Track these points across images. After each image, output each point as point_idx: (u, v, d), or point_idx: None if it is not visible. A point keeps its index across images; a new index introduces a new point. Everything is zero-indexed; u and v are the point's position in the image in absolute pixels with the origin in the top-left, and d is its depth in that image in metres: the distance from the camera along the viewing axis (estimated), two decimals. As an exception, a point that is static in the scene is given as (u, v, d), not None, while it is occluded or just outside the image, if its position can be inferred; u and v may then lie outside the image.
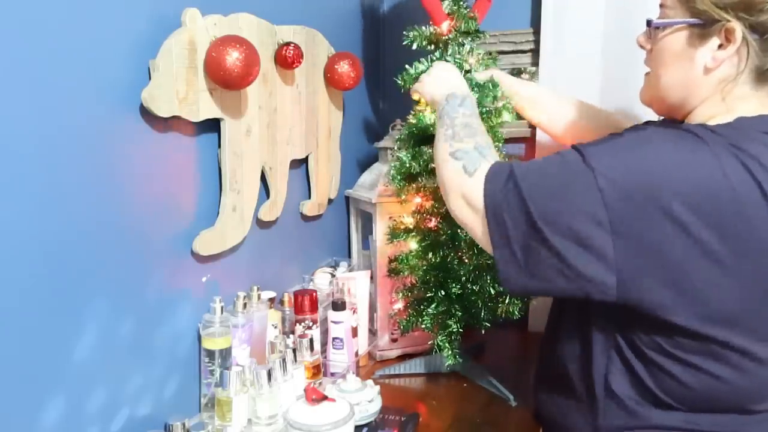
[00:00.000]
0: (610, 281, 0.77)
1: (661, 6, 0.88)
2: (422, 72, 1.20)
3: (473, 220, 0.87)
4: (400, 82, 1.25)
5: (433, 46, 1.27)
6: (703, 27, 0.81)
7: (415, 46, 1.27)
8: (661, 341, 0.80)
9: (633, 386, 0.84)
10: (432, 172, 1.27)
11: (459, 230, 1.28)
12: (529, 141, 1.54)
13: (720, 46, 0.81)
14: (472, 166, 0.88)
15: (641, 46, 0.93)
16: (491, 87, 1.19)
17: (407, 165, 1.25)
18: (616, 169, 0.76)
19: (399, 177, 1.27)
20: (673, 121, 0.91)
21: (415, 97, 1.22)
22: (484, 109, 1.20)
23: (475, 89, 1.18)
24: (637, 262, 0.75)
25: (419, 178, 1.28)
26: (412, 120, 1.26)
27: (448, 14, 1.25)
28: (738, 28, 0.78)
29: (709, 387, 0.80)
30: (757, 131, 0.78)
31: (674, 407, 0.82)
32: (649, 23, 0.88)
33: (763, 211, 0.73)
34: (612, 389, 0.85)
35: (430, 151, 1.26)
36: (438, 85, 1.11)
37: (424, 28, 1.27)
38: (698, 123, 0.83)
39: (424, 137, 1.26)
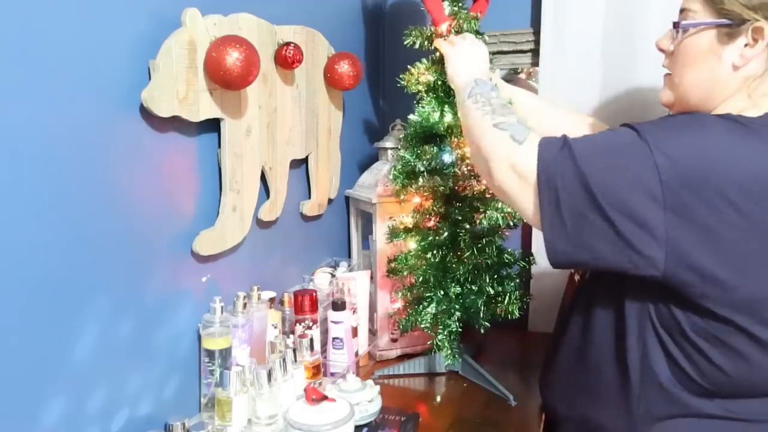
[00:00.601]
0: (659, 256, 0.77)
1: (684, 10, 0.88)
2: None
3: (520, 189, 0.86)
4: (403, 82, 1.25)
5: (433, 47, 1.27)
6: (731, 27, 0.83)
7: (417, 46, 1.27)
8: (700, 322, 0.80)
9: (671, 372, 0.84)
10: (433, 172, 1.27)
11: (458, 230, 1.28)
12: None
13: (747, 45, 0.82)
14: (521, 136, 0.87)
15: (661, 50, 0.93)
16: None
17: (410, 164, 1.25)
18: (674, 146, 0.77)
19: (401, 176, 1.27)
20: None
21: (438, 46, 1.20)
22: None
23: None
24: (689, 239, 0.76)
25: (420, 178, 1.28)
26: (414, 118, 1.26)
27: (449, 15, 1.25)
28: (766, 27, 0.80)
29: (746, 371, 0.80)
30: None
31: (711, 393, 0.83)
32: (675, 25, 0.89)
33: None
34: (649, 376, 0.85)
35: (434, 149, 1.26)
36: (468, 62, 1.09)
37: (425, 28, 1.27)
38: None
39: (426, 136, 1.26)
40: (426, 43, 1.27)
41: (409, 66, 1.27)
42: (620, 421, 0.89)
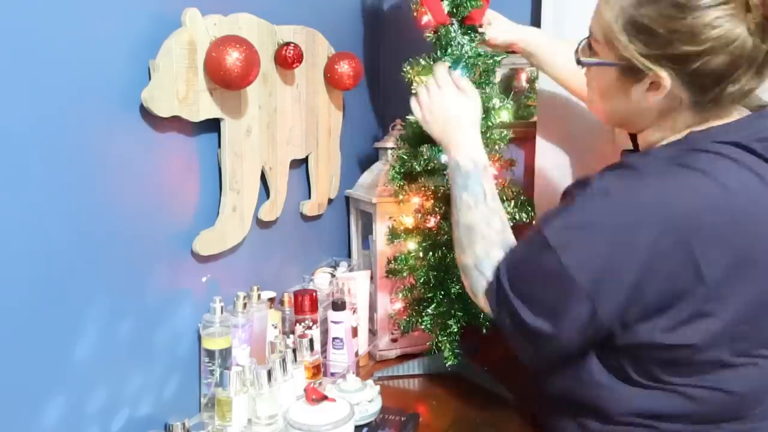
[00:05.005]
0: (605, 332, 0.80)
1: (591, 35, 0.85)
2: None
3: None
4: (404, 72, 1.25)
5: (436, 40, 1.25)
6: (631, 71, 0.80)
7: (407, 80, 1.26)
8: (654, 365, 0.81)
9: (632, 404, 0.83)
10: (431, 172, 1.27)
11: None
12: (530, 141, 1.54)
13: (652, 84, 0.79)
14: (476, 287, 0.94)
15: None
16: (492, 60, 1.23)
17: (408, 163, 1.25)
18: (573, 243, 0.79)
19: (399, 176, 1.27)
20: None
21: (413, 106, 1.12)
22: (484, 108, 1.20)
23: (468, 63, 1.20)
24: (626, 309, 0.78)
25: (419, 178, 1.27)
26: (411, 119, 1.26)
27: (448, 13, 1.24)
28: (666, 75, 0.77)
29: (713, 401, 0.80)
30: (707, 142, 0.78)
31: (677, 421, 0.82)
32: (578, 61, 0.88)
33: (724, 216, 0.74)
34: (613, 409, 0.85)
35: (431, 150, 1.25)
36: (442, 123, 1.04)
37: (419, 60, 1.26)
38: (649, 145, 0.86)
39: (423, 136, 1.26)
40: (413, 77, 1.25)
41: (410, 61, 1.26)
42: None
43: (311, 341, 1.20)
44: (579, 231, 0.79)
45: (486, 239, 0.94)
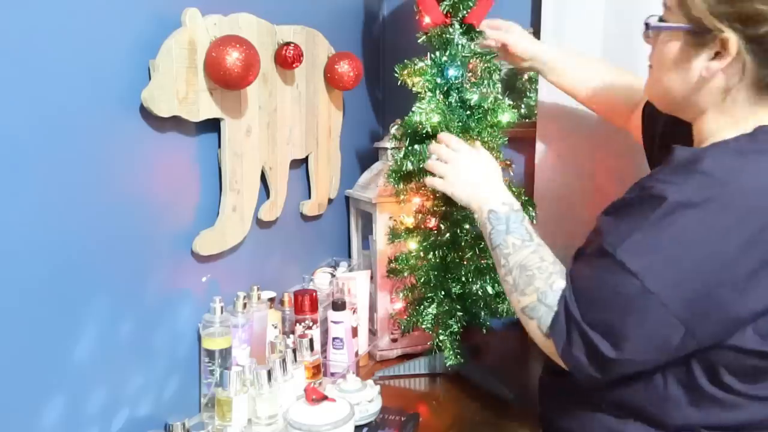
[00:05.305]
0: (694, 349, 0.77)
1: (664, 5, 0.85)
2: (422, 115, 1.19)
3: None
4: (396, 74, 1.25)
5: (436, 43, 1.25)
6: (699, 35, 0.79)
7: (411, 86, 1.26)
8: (731, 373, 0.78)
9: (693, 417, 0.81)
10: (424, 171, 1.27)
11: (459, 230, 1.28)
12: (529, 142, 1.54)
13: (717, 55, 0.78)
14: (545, 325, 0.84)
15: (646, 41, 0.92)
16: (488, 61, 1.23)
17: (399, 163, 1.25)
18: (658, 265, 0.74)
19: (395, 177, 1.26)
20: (681, 128, 0.90)
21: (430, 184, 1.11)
22: (481, 109, 1.20)
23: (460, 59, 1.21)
24: (716, 331, 0.75)
25: (416, 178, 1.27)
26: (407, 118, 1.25)
27: (446, 14, 1.24)
28: (733, 39, 0.76)
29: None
30: None
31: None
32: (647, 26, 0.87)
33: None
34: (669, 421, 0.82)
35: (425, 149, 1.25)
36: (469, 186, 1.03)
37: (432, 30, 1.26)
38: (712, 141, 0.82)
39: (417, 136, 1.26)
40: (434, 39, 1.25)
41: (406, 60, 1.26)
42: None
43: (311, 341, 1.20)
44: (664, 251, 0.74)
45: (544, 271, 0.87)
